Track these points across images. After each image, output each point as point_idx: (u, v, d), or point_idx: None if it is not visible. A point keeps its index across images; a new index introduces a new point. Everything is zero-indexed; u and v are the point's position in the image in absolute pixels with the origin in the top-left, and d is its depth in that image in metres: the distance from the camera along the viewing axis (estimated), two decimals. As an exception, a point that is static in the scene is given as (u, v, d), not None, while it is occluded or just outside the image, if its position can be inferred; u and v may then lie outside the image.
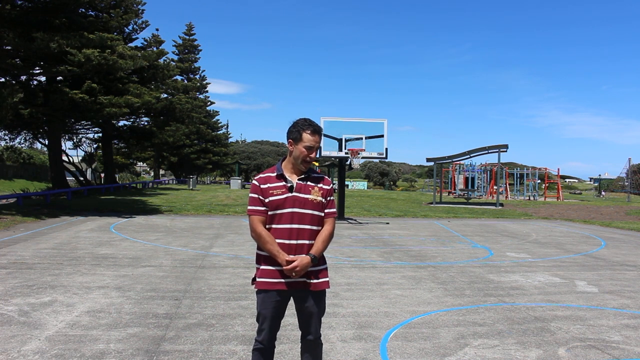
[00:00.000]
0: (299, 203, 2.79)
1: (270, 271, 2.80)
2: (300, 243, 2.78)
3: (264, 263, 2.83)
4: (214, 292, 6.00)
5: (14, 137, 28.17)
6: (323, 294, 2.91)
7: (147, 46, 29.87)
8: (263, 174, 2.91)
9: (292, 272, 2.73)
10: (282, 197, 2.78)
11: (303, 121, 2.88)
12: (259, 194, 2.81)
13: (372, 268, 7.90)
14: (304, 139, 2.82)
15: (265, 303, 2.80)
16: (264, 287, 2.80)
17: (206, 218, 16.04)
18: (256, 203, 2.81)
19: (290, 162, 2.88)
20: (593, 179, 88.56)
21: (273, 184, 2.82)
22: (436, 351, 4.14)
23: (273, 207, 2.78)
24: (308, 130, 2.83)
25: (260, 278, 2.81)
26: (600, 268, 8.46)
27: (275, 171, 2.87)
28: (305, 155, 2.82)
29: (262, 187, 2.81)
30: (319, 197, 2.85)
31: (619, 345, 4.41)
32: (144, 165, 73.13)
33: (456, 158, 29.34)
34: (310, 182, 2.87)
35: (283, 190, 2.80)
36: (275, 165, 2.93)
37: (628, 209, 26.92)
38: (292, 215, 2.78)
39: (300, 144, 2.82)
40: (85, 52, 16.79)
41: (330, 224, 2.91)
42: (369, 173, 77.16)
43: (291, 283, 2.79)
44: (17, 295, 5.57)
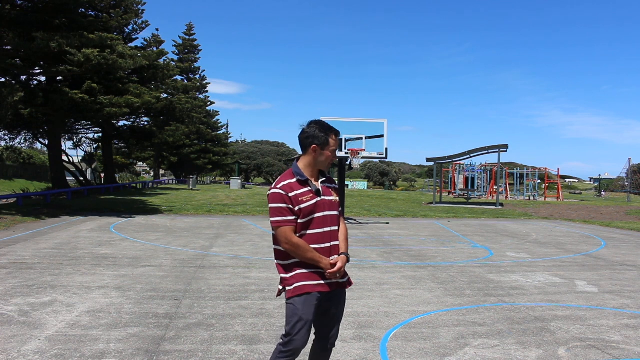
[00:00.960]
0: (327, 206, 2.78)
1: (308, 274, 2.72)
2: (333, 245, 2.79)
3: (298, 268, 2.73)
4: (214, 292, 6.00)
5: (14, 137, 28.15)
6: (345, 294, 2.97)
7: (147, 46, 29.88)
8: (283, 181, 2.74)
9: (336, 274, 2.72)
10: (313, 202, 2.72)
11: (326, 125, 2.82)
12: (287, 203, 2.67)
13: (372, 268, 7.90)
14: (331, 143, 2.80)
15: (306, 307, 2.68)
16: (306, 290, 2.69)
17: (206, 218, 16.04)
18: (285, 213, 2.67)
19: (310, 166, 2.80)
20: (593, 179, 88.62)
21: (299, 190, 2.72)
22: (436, 351, 4.14)
23: (306, 214, 2.70)
24: (333, 135, 2.82)
25: (299, 282, 2.70)
26: (600, 268, 8.46)
27: (296, 176, 2.76)
28: (332, 159, 2.84)
29: (290, 195, 2.68)
30: (336, 197, 2.89)
31: (619, 345, 4.41)
32: (144, 165, 73.11)
33: (456, 158, 29.33)
34: (328, 184, 2.87)
35: (311, 195, 2.73)
36: (291, 170, 2.82)
37: (628, 209, 26.92)
38: (324, 218, 2.75)
39: (327, 149, 2.79)
40: (85, 52, 16.78)
41: (343, 222, 2.96)
42: (369, 173, 77.15)
43: (330, 284, 2.76)
44: (17, 295, 5.57)
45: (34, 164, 49.50)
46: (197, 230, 12.43)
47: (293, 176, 2.76)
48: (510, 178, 41.93)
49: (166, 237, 11.06)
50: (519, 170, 40.90)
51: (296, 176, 2.75)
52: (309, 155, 2.80)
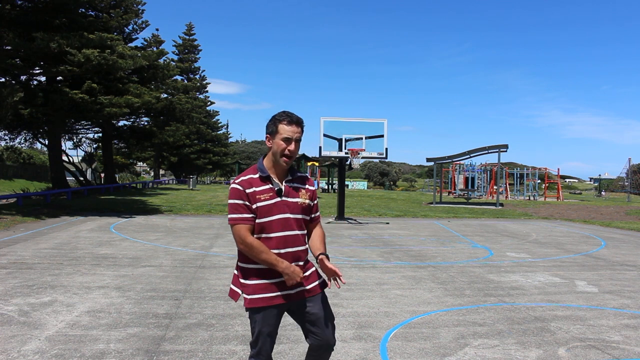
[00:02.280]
0: (289, 208, 2.53)
1: (264, 285, 2.52)
2: (296, 250, 2.55)
3: (255, 277, 2.53)
4: (214, 292, 6.00)
5: (14, 137, 28.14)
6: (321, 296, 2.67)
7: (147, 46, 29.89)
8: (243, 176, 2.56)
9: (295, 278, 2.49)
10: (271, 202, 2.50)
11: (280, 112, 2.58)
12: (244, 199, 2.48)
13: (372, 268, 7.90)
14: (280, 130, 2.51)
15: (265, 320, 2.53)
16: (261, 304, 2.51)
17: (206, 218, 16.04)
18: (242, 210, 2.48)
19: (271, 160, 2.58)
20: (593, 179, 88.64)
21: (259, 187, 2.51)
22: (436, 351, 4.14)
23: (262, 213, 2.49)
24: (284, 121, 2.53)
25: (254, 294, 2.52)
26: (600, 268, 8.46)
27: (258, 172, 2.54)
28: (284, 148, 2.50)
29: (248, 191, 2.49)
30: (307, 200, 2.61)
31: (619, 345, 4.41)
32: (144, 165, 73.11)
33: (456, 158, 29.33)
34: (297, 184, 2.62)
35: (271, 194, 2.51)
36: (255, 166, 2.60)
37: (628, 209, 26.92)
38: (283, 221, 2.51)
39: (277, 137, 2.51)
40: (85, 52, 16.79)
41: (320, 227, 2.73)
42: (369, 173, 77.16)
43: (287, 295, 2.55)
44: (17, 295, 5.57)
45: (34, 164, 49.50)
46: (197, 230, 12.43)
47: (256, 171, 2.56)
48: (510, 178, 41.93)
49: (166, 237, 11.06)
50: (519, 170, 40.91)
51: (258, 172, 2.55)
52: (269, 149, 2.60)
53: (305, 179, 2.70)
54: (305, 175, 2.73)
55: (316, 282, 2.66)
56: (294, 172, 2.66)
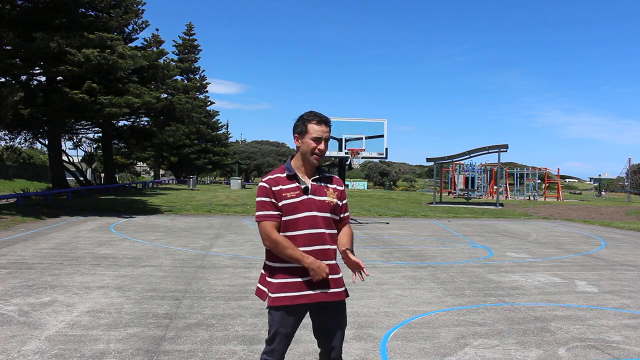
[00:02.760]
0: (315, 206, 2.55)
1: (290, 284, 2.52)
2: (322, 248, 2.55)
3: (281, 275, 2.54)
4: (214, 292, 6.00)
5: (14, 137, 28.15)
6: (343, 305, 2.68)
7: (147, 46, 29.89)
8: (271, 175, 2.62)
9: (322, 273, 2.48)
10: (298, 200, 2.53)
11: (307, 113, 2.64)
12: (270, 197, 2.53)
13: (372, 268, 7.90)
14: (309, 130, 2.57)
15: (285, 320, 2.53)
16: (284, 303, 2.51)
17: (206, 218, 16.04)
18: (268, 207, 2.52)
19: (300, 160, 2.62)
20: (593, 179, 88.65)
21: (285, 185, 2.55)
22: (436, 351, 4.14)
23: (288, 211, 2.52)
24: (314, 121, 2.58)
25: (278, 293, 2.52)
26: (600, 268, 8.46)
27: (286, 171, 2.60)
28: (314, 148, 2.56)
29: (274, 189, 2.53)
30: (334, 199, 2.63)
31: (619, 345, 4.41)
32: (144, 165, 73.11)
33: (456, 158, 29.33)
34: (324, 183, 2.64)
35: (298, 192, 2.54)
36: (284, 165, 2.66)
37: (628, 209, 26.92)
38: (310, 219, 2.52)
39: (307, 137, 2.57)
40: (85, 52, 16.79)
41: (349, 226, 2.75)
42: (369, 173, 77.16)
43: (312, 295, 2.54)
44: (17, 295, 5.57)
45: (34, 164, 49.50)
46: (197, 230, 12.43)
47: (283, 171, 2.62)
48: (510, 178, 41.93)
49: (166, 237, 11.06)
50: (519, 170, 40.91)
51: (286, 171, 2.60)
52: (297, 148, 2.65)
53: (335, 179, 2.72)
54: (335, 176, 2.75)
55: (342, 289, 2.65)
56: (322, 171, 2.69)
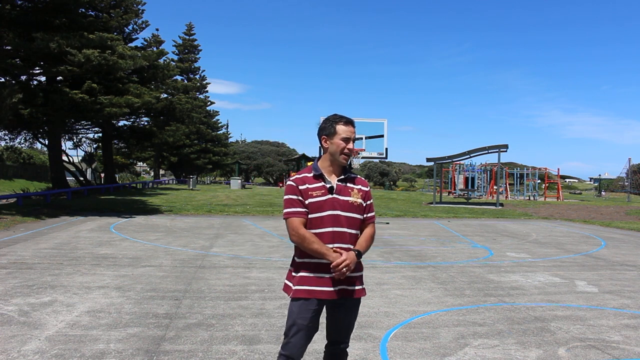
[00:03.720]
0: (339, 205, 2.66)
1: (311, 278, 2.64)
2: (342, 246, 2.64)
3: (304, 270, 2.66)
4: (214, 292, 6.00)
5: (14, 137, 28.14)
6: (359, 302, 2.80)
7: (147, 46, 29.87)
8: (299, 174, 2.76)
9: (342, 267, 2.56)
10: (323, 198, 2.64)
11: (334, 115, 2.76)
12: (298, 195, 2.65)
13: (372, 268, 7.90)
14: (338, 131, 2.70)
15: (302, 312, 2.63)
16: (303, 295, 2.63)
17: (206, 218, 16.04)
18: (296, 204, 2.65)
19: (328, 160, 2.74)
20: (593, 179, 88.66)
21: (312, 184, 2.67)
22: (436, 351, 4.14)
23: (313, 209, 2.64)
24: (341, 122, 2.72)
25: (300, 285, 2.65)
26: (600, 268, 8.46)
27: (313, 171, 2.72)
28: (344, 147, 2.69)
29: (301, 187, 2.66)
30: (359, 199, 2.73)
31: (619, 345, 4.41)
32: (144, 165, 73.11)
33: (456, 158, 29.33)
34: (349, 184, 2.74)
35: (323, 191, 2.66)
36: (311, 166, 2.79)
37: (628, 209, 26.92)
38: (333, 217, 2.64)
39: (336, 137, 2.70)
40: (85, 52, 16.78)
41: (372, 227, 2.81)
42: (369, 173, 77.15)
43: (331, 292, 2.64)
44: (17, 295, 5.57)
45: (34, 164, 49.50)
46: (197, 230, 12.43)
47: (311, 171, 2.74)
48: (510, 178, 41.92)
49: (166, 237, 11.06)
50: (519, 170, 40.90)
51: (313, 171, 2.73)
52: (324, 150, 2.77)
53: (360, 180, 2.82)
54: (360, 177, 2.85)
55: (361, 287, 2.76)
56: (348, 172, 2.79)
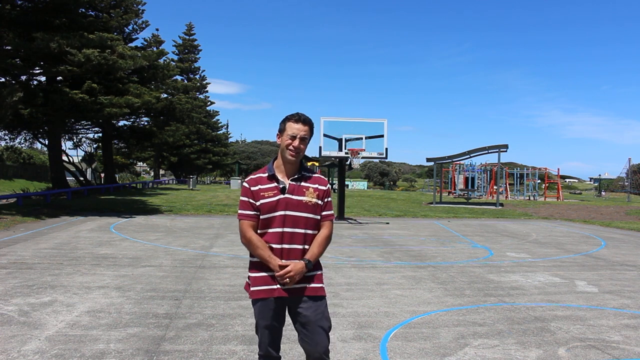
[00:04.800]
0: (291, 205, 2.61)
1: (264, 278, 2.63)
2: (292, 247, 2.61)
3: (256, 270, 2.66)
4: (214, 292, 6.00)
5: (14, 137, 28.15)
6: (320, 300, 2.68)
7: (147, 46, 29.87)
8: (254, 174, 2.73)
9: (285, 278, 2.56)
10: (274, 199, 2.61)
11: (291, 114, 2.72)
12: (249, 197, 2.65)
13: (372, 268, 7.90)
14: (287, 127, 2.66)
15: (262, 313, 2.64)
16: (259, 296, 2.63)
17: (206, 218, 16.04)
18: (246, 207, 2.65)
19: (280, 159, 2.71)
20: (593, 179, 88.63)
21: (264, 185, 2.65)
22: (436, 351, 4.14)
23: (265, 210, 2.62)
24: (292, 119, 2.67)
25: (255, 287, 2.65)
26: (600, 268, 8.46)
27: (267, 172, 2.70)
28: (289, 144, 2.63)
29: (253, 189, 2.65)
30: (314, 198, 2.66)
31: (619, 345, 4.41)
32: (144, 165, 73.11)
33: (456, 158, 29.33)
34: (304, 183, 2.68)
35: (275, 192, 2.62)
36: (267, 166, 2.75)
37: (628, 209, 26.92)
38: (284, 218, 2.60)
39: (284, 134, 2.66)
40: (85, 52, 16.78)
41: (328, 227, 2.74)
42: (369, 173, 77.16)
43: (287, 289, 2.62)
44: (17, 295, 5.57)
45: (34, 164, 49.49)
46: (197, 230, 12.43)
47: (265, 171, 2.72)
48: (510, 178, 41.92)
49: (166, 237, 11.06)
50: (519, 170, 40.90)
51: (267, 171, 2.70)
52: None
53: (317, 179, 2.74)
54: (318, 175, 2.77)
55: (319, 285, 2.71)
56: (305, 171, 2.74)
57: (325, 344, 2.63)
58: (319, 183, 2.73)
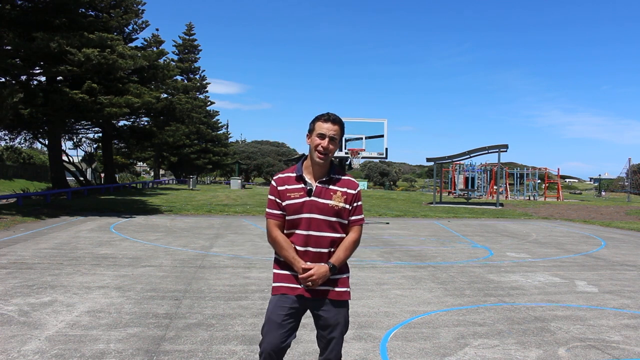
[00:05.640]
0: (317, 209, 2.56)
1: (287, 276, 2.61)
2: (317, 251, 2.57)
3: (281, 267, 2.64)
4: (214, 292, 6.00)
5: (14, 137, 28.14)
6: (344, 305, 2.69)
7: (147, 46, 29.87)
8: (283, 173, 2.68)
9: (307, 281, 2.52)
10: (300, 201, 2.56)
11: (321, 114, 2.66)
12: (275, 196, 2.61)
13: (372, 268, 7.90)
14: (316, 127, 2.60)
15: (277, 308, 2.56)
16: (280, 292, 2.59)
17: (206, 218, 16.04)
18: (273, 206, 2.62)
19: (309, 159, 2.64)
20: (593, 179, 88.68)
21: (291, 185, 2.60)
22: (436, 351, 4.14)
23: (290, 211, 2.57)
24: (322, 119, 2.61)
25: (277, 282, 2.63)
26: (600, 268, 8.46)
27: (295, 172, 2.64)
28: (318, 144, 2.56)
29: (280, 189, 2.60)
30: (341, 202, 2.59)
31: (619, 345, 4.41)
32: (144, 165, 73.10)
33: (456, 158, 29.33)
34: (332, 186, 2.61)
35: (301, 193, 2.57)
36: (296, 165, 2.70)
37: (628, 209, 26.91)
38: (310, 221, 2.55)
39: (313, 134, 2.60)
40: (85, 52, 16.78)
41: (356, 231, 2.69)
42: (369, 173, 77.13)
43: (310, 290, 2.58)
44: (17, 295, 5.57)
45: (34, 164, 49.49)
46: (197, 230, 12.43)
47: (294, 170, 2.66)
48: (510, 178, 41.93)
49: (166, 237, 11.06)
50: (519, 170, 40.90)
51: (296, 171, 2.65)
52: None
53: (347, 182, 2.66)
54: (348, 178, 2.69)
55: (344, 289, 2.70)
56: (335, 173, 2.65)
57: (338, 350, 2.66)
58: (348, 186, 2.64)
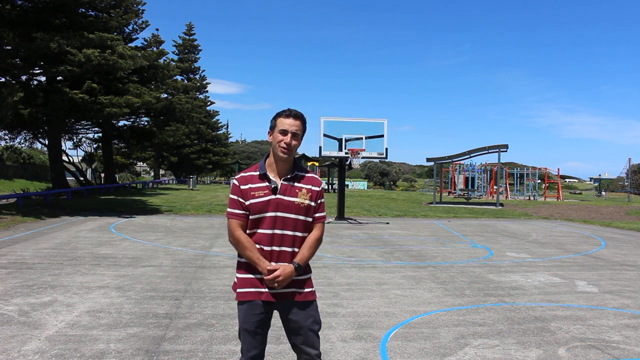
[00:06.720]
0: (282, 207, 2.50)
1: (252, 280, 2.52)
2: (282, 250, 2.51)
3: (244, 271, 2.54)
4: (214, 292, 6.00)
5: (14, 137, 28.17)
6: (311, 305, 2.60)
7: (147, 46, 29.85)
8: (245, 172, 2.61)
9: (273, 282, 2.46)
10: (264, 199, 2.49)
11: (281, 110, 2.60)
12: (238, 195, 2.53)
13: (372, 268, 7.90)
14: (278, 123, 2.53)
15: (247, 316, 2.51)
16: (246, 298, 2.51)
17: (206, 218, 16.04)
18: (235, 206, 2.54)
19: (272, 157, 2.58)
20: (593, 179, 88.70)
21: (255, 184, 2.53)
22: (436, 351, 4.14)
23: (255, 210, 2.50)
24: (283, 114, 2.54)
25: (242, 288, 2.53)
26: (600, 268, 8.46)
27: (258, 170, 2.57)
28: (280, 140, 2.50)
29: (243, 188, 2.53)
30: (306, 200, 2.55)
31: (619, 345, 4.41)
32: (144, 165, 73.10)
33: (456, 158, 29.33)
34: (297, 183, 2.56)
35: (266, 192, 2.50)
36: (258, 163, 2.62)
37: (628, 209, 26.91)
38: (274, 219, 2.49)
39: (276, 130, 2.53)
40: (85, 52, 16.78)
41: (319, 229, 2.63)
42: (369, 173, 77.13)
43: (276, 293, 2.51)
44: (17, 295, 5.57)
45: (34, 164, 49.49)
46: (197, 230, 12.43)
47: (257, 169, 2.59)
48: (510, 178, 41.94)
49: (166, 237, 11.06)
50: (519, 170, 40.92)
51: (258, 169, 2.58)
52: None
53: (310, 179, 2.62)
54: (312, 175, 2.65)
55: (310, 289, 2.61)
56: (298, 170, 2.61)
57: (317, 347, 2.58)
58: (312, 183, 2.60)
